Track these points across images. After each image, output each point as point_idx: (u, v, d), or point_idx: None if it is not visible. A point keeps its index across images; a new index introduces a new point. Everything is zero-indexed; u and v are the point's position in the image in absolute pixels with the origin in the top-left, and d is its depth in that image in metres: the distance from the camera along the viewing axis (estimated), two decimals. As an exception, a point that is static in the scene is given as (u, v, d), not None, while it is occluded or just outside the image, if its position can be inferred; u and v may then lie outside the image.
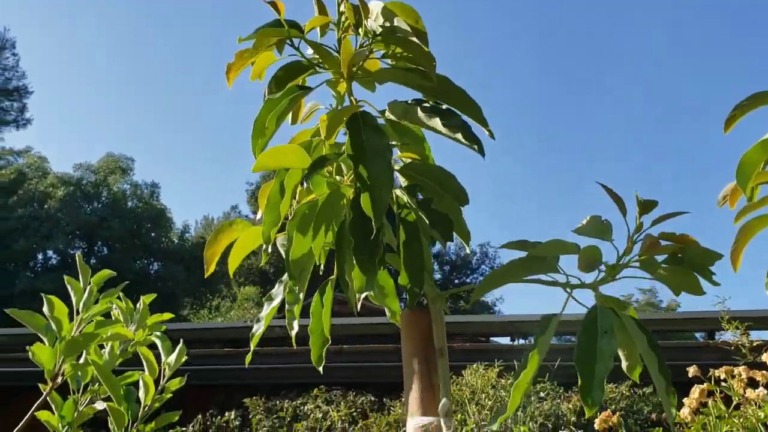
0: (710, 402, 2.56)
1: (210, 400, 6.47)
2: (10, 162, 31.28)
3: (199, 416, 5.91)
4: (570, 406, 4.60)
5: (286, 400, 5.89)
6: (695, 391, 2.51)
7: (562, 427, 4.25)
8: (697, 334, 9.68)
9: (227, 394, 6.50)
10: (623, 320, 1.04)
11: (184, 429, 5.76)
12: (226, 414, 5.93)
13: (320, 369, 1.29)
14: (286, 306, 1.25)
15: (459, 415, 4.68)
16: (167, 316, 1.93)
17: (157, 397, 1.72)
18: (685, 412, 2.48)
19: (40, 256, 28.42)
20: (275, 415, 5.75)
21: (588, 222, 1.10)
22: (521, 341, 6.92)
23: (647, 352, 1.03)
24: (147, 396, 1.67)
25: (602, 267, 1.07)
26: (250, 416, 5.82)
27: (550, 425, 4.38)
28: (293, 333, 1.25)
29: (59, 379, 1.54)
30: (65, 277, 1.59)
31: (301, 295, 1.23)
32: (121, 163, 32.44)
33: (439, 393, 1.14)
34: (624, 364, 1.20)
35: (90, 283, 1.55)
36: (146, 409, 1.69)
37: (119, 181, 31.51)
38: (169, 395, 1.76)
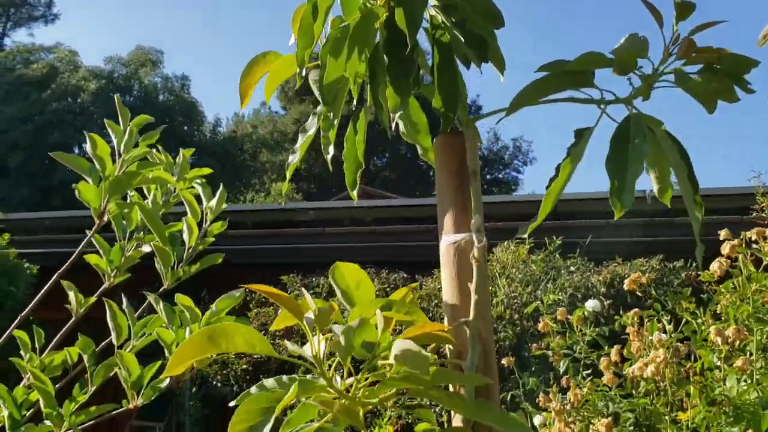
0: (740, 258, 2.58)
1: (248, 279, 6.69)
2: (41, 57, 31.31)
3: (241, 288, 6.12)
4: (600, 278, 4.67)
5: (322, 277, 6.07)
6: (726, 246, 2.53)
7: (592, 297, 4.33)
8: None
9: (265, 272, 6.71)
10: (655, 132, 1.04)
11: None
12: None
13: (355, 194, 1.32)
14: (321, 132, 1.28)
15: (490, 288, 4.79)
16: (206, 170, 1.98)
17: (200, 241, 1.79)
18: (714, 267, 2.51)
19: (75, 150, 28.86)
20: (312, 291, 5.94)
21: (625, 40, 1.09)
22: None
23: (678, 163, 1.04)
24: (191, 238, 1.73)
25: (637, 81, 1.06)
26: (288, 292, 6.02)
27: (579, 295, 4.47)
28: (329, 157, 1.28)
29: (105, 217, 1.60)
30: (105, 121, 1.63)
31: (336, 122, 1.25)
32: (151, 56, 32.32)
33: (472, 212, 1.17)
34: (655, 188, 1.22)
35: (129, 125, 1.59)
36: (190, 251, 1.76)
37: (150, 74, 31.49)
38: (212, 239, 1.83)
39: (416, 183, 31.44)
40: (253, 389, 0.92)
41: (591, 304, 3.61)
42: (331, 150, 1.27)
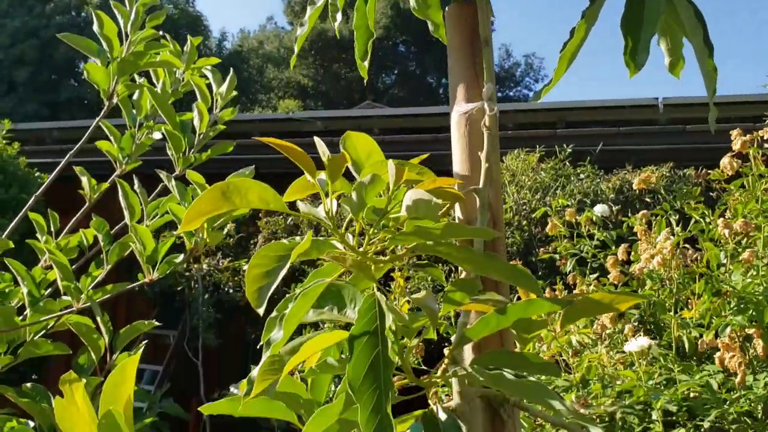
0: (751, 155, 2.57)
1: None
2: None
3: (251, 167, 6.15)
4: (609, 185, 4.67)
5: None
6: (737, 142, 2.51)
7: (600, 203, 4.34)
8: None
9: (272, 182, 6.72)
10: (672, -6, 1.02)
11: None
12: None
13: (365, 66, 1.31)
14: (329, 1, 1.26)
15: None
16: (214, 60, 1.95)
17: (210, 128, 1.79)
18: (725, 162, 2.50)
19: (81, 65, 28.56)
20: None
21: None
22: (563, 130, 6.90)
23: (694, 26, 1.02)
24: (201, 124, 1.73)
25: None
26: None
27: (588, 201, 4.48)
28: (336, 24, 1.26)
29: (114, 99, 1.60)
30: (111, 2, 1.60)
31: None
32: (153, -33, 31.54)
33: (483, 81, 1.16)
34: (666, 61, 1.20)
35: (136, 4, 1.56)
36: (201, 137, 1.76)
37: (153, -13, 30.80)
38: (222, 127, 1.82)
39: (425, 100, 31.11)
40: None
41: (599, 209, 3.62)
42: (339, 17, 1.25)
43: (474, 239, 0.95)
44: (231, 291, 5.85)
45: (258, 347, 0.96)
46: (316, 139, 0.96)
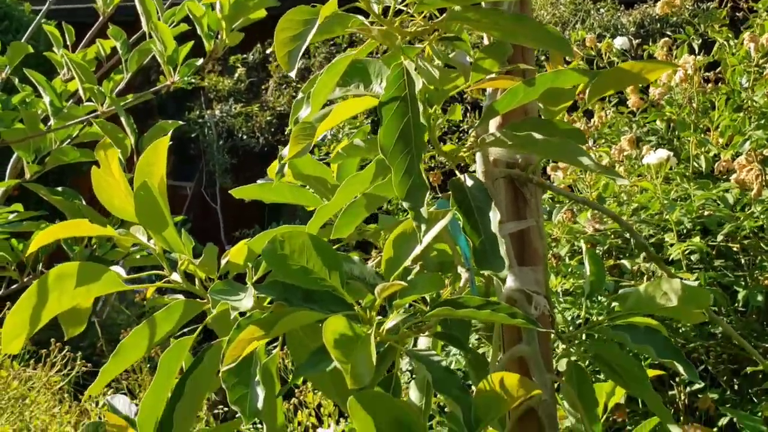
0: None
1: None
2: None
3: (258, 45, 6.06)
4: (630, 18, 4.53)
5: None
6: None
7: (621, 35, 4.23)
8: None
9: None
10: None
11: (245, 56, 5.95)
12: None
13: None
14: None
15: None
16: None
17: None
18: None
19: None
20: (332, 42, 5.84)
21: None
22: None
23: None
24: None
25: None
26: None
27: (608, 35, 4.37)
28: None
29: None
30: None
31: None
32: None
33: None
34: None
35: None
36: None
37: None
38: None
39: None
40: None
41: (619, 42, 3.52)
42: None
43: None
44: (244, 137, 5.87)
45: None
46: None
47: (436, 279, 0.77)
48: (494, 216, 0.77)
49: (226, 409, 3.13)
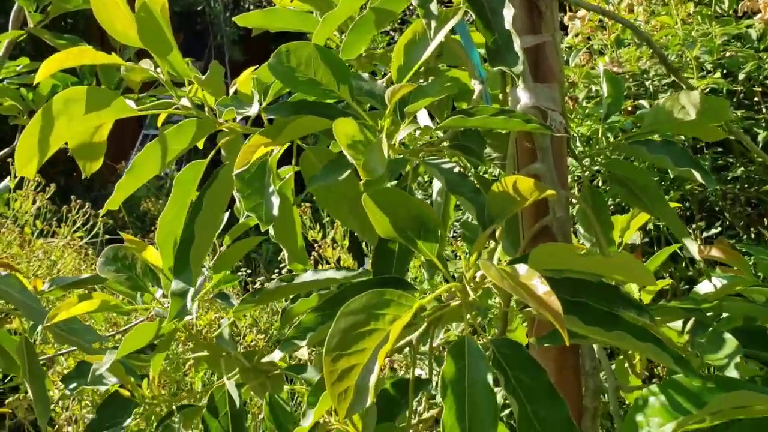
0: None
1: None
2: None
3: None
4: None
5: None
6: None
7: None
8: None
9: None
10: None
11: None
12: None
13: None
14: None
15: None
16: None
17: None
18: None
19: None
20: None
21: None
22: None
23: None
24: None
25: None
26: None
27: None
28: None
29: None
30: None
31: None
32: None
33: None
34: None
35: None
36: None
37: None
38: None
39: None
40: None
41: None
42: None
43: None
44: (251, 6, 5.71)
45: None
46: None
47: (448, 80, 0.75)
48: (508, 13, 0.74)
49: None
